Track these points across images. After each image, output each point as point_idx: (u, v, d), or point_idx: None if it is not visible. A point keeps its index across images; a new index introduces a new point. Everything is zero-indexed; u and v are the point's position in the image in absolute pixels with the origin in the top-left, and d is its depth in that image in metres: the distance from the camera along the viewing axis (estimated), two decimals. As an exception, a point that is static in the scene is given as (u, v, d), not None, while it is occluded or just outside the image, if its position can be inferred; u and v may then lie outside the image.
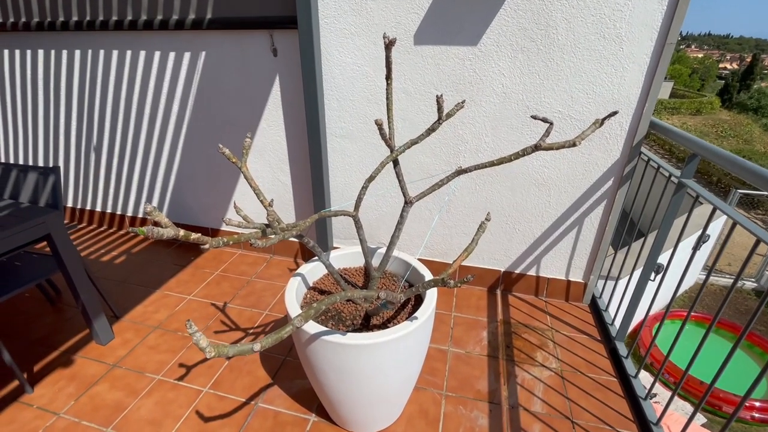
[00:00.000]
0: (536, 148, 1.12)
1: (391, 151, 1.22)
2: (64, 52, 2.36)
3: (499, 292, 2.23)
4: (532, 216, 2.00)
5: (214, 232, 2.64)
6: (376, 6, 1.74)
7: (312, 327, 1.12)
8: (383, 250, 1.51)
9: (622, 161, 1.78)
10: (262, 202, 1.08)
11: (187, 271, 2.41)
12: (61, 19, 2.20)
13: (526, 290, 2.20)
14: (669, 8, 1.48)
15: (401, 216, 1.27)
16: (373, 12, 1.76)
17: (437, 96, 1.07)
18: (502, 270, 2.19)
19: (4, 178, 1.70)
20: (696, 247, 1.37)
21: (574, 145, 1.04)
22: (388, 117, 1.22)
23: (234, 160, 1.08)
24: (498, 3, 1.62)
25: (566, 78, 1.68)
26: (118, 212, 2.82)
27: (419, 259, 2.26)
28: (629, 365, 1.68)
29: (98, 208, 2.86)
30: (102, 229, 2.89)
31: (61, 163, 2.76)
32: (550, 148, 1.10)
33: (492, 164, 1.16)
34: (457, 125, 1.89)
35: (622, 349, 1.76)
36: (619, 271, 2.03)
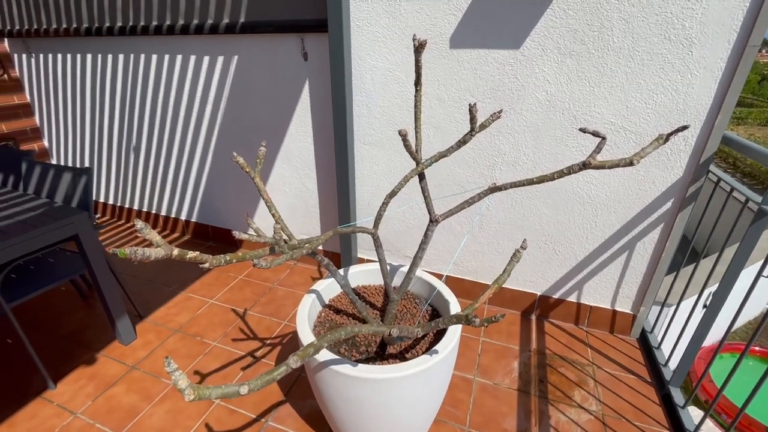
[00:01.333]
0: (584, 166, 0.97)
1: (417, 164, 1.11)
2: (109, 56, 2.45)
3: (534, 317, 2.04)
4: (575, 236, 1.81)
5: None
6: (411, 8, 1.64)
7: (321, 353, 1.02)
8: (406, 268, 1.40)
9: (686, 180, 1.55)
10: (273, 215, 1.00)
11: (212, 273, 2.41)
12: (107, 24, 2.28)
13: (565, 318, 1.99)
14: (753, 5, 1.26)
15: (425, 235, 1.15)
16: (407, 14, 1.66)
17: (470, 105, 0.94)
18: (539, 294, 2.00)
19: (42, 178, 1.76)
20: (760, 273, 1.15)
21: (631, 164, 0.88)
22: (416, 127, 1.11)
23: (247, 170, 1.01)
24: (545, 2, 1.47)
25: (621, 85, 1.49)
26: (153, 211, 2.89)
27: (448, 276, 2.12)
28: (686, 417, 1.45)
29: (135, 207, 2.95)
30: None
31: (104, 163, 2.88)
32: (601, 166, 0.94)
33: (531, 182, 1.02)
34: (495, 135, 1.74)
35: (678, 397, 1.53)
36: (677, 304, 1.78)
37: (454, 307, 1.23)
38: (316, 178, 2.21)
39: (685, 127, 0.93)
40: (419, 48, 1.00)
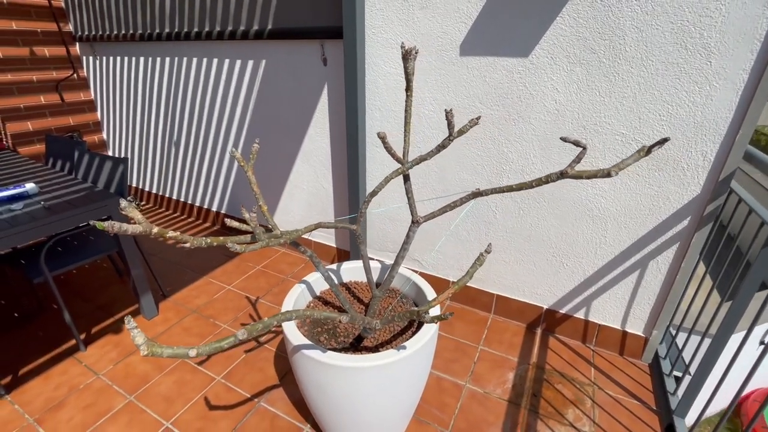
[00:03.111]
0: (562, 175, 0.96)
1: (402, 165, 1.15)
2: (158, 60, 2.72)
3: (539, 331, 1.99)
4: (583, 250, 1.75)
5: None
6: (423, 15, 1.69)
7: (295, 338, 1.09)
8: (405, 270, 1.44)
9: (704, 198, 1.46)
10: (260, 207, 1.09)
11: (233, 261, 2.58)
12: (157, 30, 2.53)
13: (572, 334, 1.92)
14: (778, 13, 1.18)
15: (407, 236, 1.19)
16: (420, 22, 1.71)
17: (446, 110, 0.97)
18: (545, 307, 1.94)
19: (89, 165, 1.99)
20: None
21: (608, 175, 0.87)
22: (405, 131, 1.15)
23: (242, 164, 1.11)
24: (555, 9, 1.45)
25: (633, 96, 1.43)
26: (189, 201, 3.14)
27: (452, 283, 2.12)
28: (687, 450, 1.36)
29: (174, 196, 3.22)
30: (176, 215, 3.25)
31: (149, 155, 3.18)
32: (578, 176, 0.93)
33: (511, 189, 1.02)
34: (502, 143, 1.73)
35: (681, 429, 1.43)
36: (691, 328, 1.66)
37: (435, 308, 1.25)
38: (331, 179, 2.31)
39: (666, 140, 0.90)
40: (406, 55, 1.05)
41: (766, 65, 1.23)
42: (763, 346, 1.27)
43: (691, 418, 1.45)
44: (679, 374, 1.58)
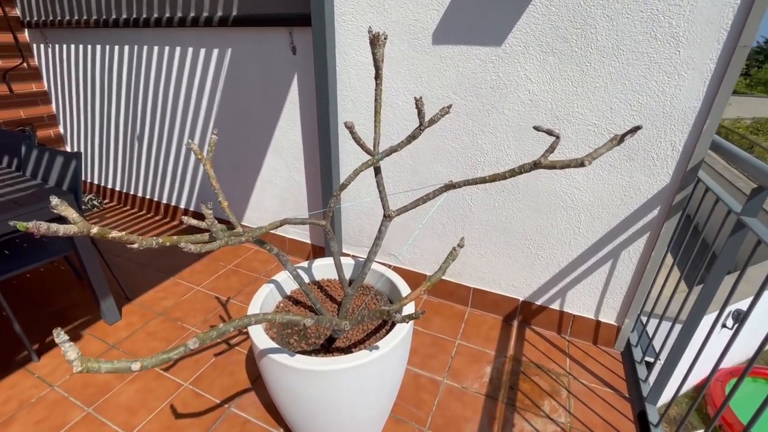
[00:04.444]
0: (535, 165, 0.94)
1: (372, 157, 1.09)
2: (116, 48, 2.55)
3: (515, 323, 1.99)
4: (558, 242, 1.75)
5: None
6: (395, 3, 1.63)
7: (262, 342, 1.03)
8: (371, 264, 1.39)
9: (672, 187, 1.48)
10: (220, 203, 1.02)
11: (203, 261, 2.47)
12: (114, 16, 2.37)
13: (547, 325, 1.93)
14: (744, 2, 1.18)
15: (379, 230, 1.14)
16: (391, 9, 1.65)
17: (415, 98, 0.93)
18: (521, 299, 1.95)
19: (38, 161, 1.85)
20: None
21: (582, 164, 0.84)
22: (375, 120, 1.09)
23: (200, 156, 1.03)
24: (527, -2, 1.42)
25: (605, 86, 1.43)
26: (156, 198, 2.99)
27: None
28: (658, 436, 1.38)
29: (140, 194, 3.06)
30: (142, 213, 3.09)
31: (111, 150, 3.00)
32: (552, 166, 0.91)
33: (484, 180, 0.99)
34: (477, 134, 1.70)
35: (653, 415, 1.46)
36: (661, 315, 1.69)
37: (409, 306, 1.21)
38: (304, 172, 2.23)
39: (638, 128, 0.88)
40: (374, 41, 0.99)
41: (732, 54, 1.24)
42: (725, 329, 1.30)
43: (664, 401, 1.48)
44: (651, 360, 1.61)
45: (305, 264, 1.45)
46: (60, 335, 0.59)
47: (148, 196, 3.02)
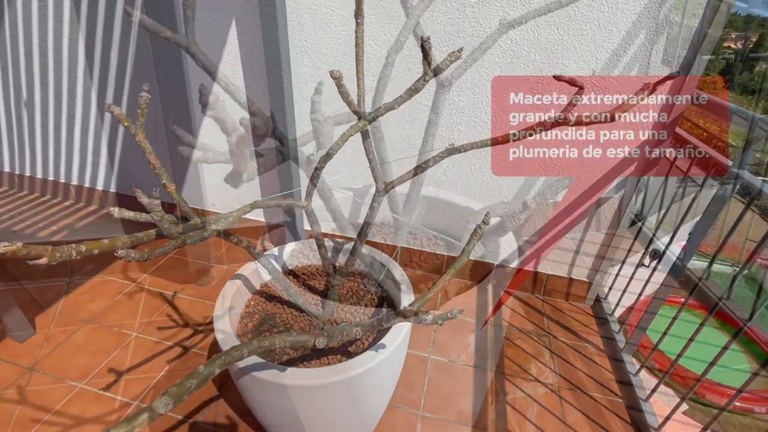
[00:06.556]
0: (557, 122, 0.80)
1: (359, 119, 0.89)
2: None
3: (490, 287, 1.96)
4: (535, 203, 1.70)
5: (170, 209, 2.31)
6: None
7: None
8: (350, 245, 1.21)
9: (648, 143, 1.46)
10: (165, 185, 0.76)
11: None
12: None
13: (522, 287, 1.93)
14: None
15: (371, 207, 0.96)
16: (351, -64, 1.36)
17: (422, 38, 0.73)
18: (495, 263, 1.91)
19: None
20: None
21: (612, 119, 0.72)
22: (357, 71, 0.88)
23: (127, 124, 0.75)
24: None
25: (592, 34, 1.32)
26: (62, 180, 2.45)
27: (405, 249, 1.97)
28: (638, 383, 1.44)
29: (39, 174, 2.48)
30: (44, 198, 2.53)
31: (-11, 121, 2.36)
32: (579, 123, 0.78)
33: (497, 142, 0.84)
34: (453, 91, 1.54)
35: (630, 366, 1.52)
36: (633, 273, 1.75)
37: (407, 291, 1.07)
38: (252, 141, 1.91)
39: (675, 75, 0.77)
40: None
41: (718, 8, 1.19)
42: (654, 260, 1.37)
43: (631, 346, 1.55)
44: (620, 310, 1.68)
45: (275, 251, 1.23)
46: None
47: (50, 177, 2.46)
